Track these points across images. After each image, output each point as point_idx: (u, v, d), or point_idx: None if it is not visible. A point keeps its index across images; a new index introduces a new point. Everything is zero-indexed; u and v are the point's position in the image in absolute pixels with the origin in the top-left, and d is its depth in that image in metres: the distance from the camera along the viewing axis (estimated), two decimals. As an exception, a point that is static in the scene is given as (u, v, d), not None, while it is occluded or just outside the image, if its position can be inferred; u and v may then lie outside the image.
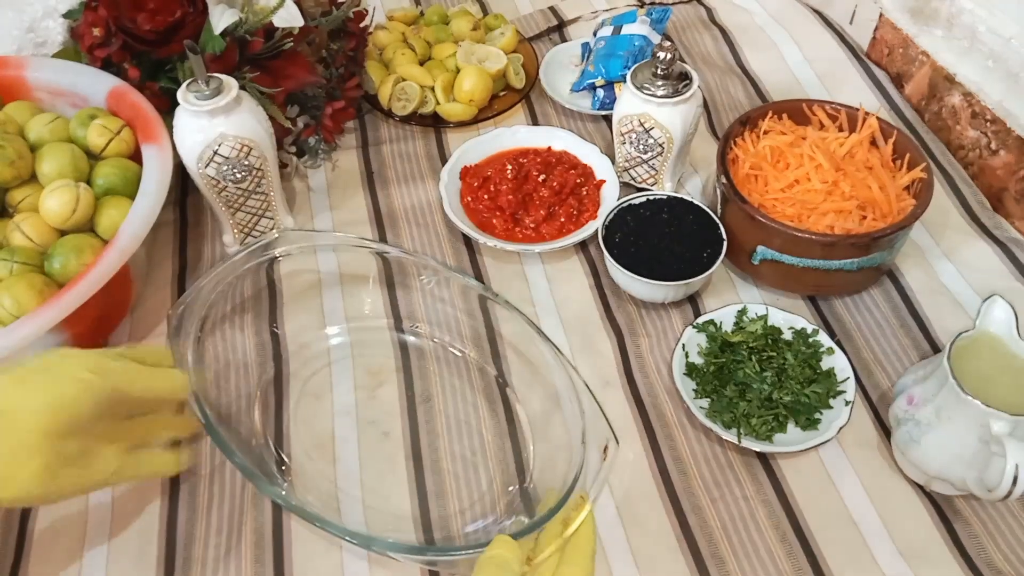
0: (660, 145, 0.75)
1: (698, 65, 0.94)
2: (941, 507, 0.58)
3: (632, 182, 0.80)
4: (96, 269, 0.59)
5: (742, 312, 0.68)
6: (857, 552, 0.56)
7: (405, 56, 0.91)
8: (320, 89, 0.81)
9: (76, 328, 0.62)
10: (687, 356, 0.66)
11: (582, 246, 0.77)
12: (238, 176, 0.68)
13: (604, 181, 0.79)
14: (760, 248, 0.68)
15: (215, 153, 0.66)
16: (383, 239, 0.78)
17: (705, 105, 0.89)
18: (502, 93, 0.91)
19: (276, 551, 0.57)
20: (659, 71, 0.71)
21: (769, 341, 0.65)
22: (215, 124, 0.65)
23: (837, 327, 0.69)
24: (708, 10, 1.02)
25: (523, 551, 0.49)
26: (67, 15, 0.76)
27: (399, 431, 0.63)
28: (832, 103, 0.74)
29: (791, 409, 0.62)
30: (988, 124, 0.79)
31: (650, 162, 0.77)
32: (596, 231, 0.72)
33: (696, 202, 0.72)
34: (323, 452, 0.62)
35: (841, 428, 0.61)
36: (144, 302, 0.73)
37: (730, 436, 0.60)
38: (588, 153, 0.82)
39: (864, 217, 0.68)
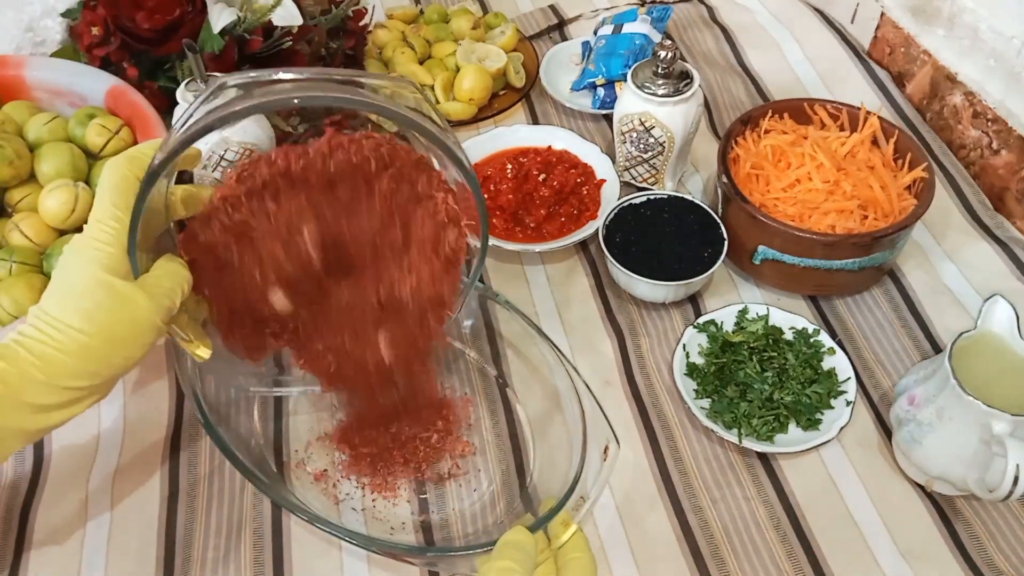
0: (661, 144, 0.74)
1: (699, 64, 0.94)
2: (942, 507, 0.58)
3: (633, 181, 0.80)
4: (95, 269, 0.59)
5: (743, 312, 0.67)
6: (858, 552, 0.56)
7: (405, 55, 0.90)
8: (320, 88, 0.81)
9: (75, 328, 0.62)
10: (688, 356, 0.65)
11: (582, 246, 0.76)
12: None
13: (604, 180, 0.79)
14: (761, 248, 0.68)
15: (217, 156, 0.66)
16: (383, 238, 0.78)
17: (706, 104, 0.89)
18: (502, 92, 0.91)
19: (275, 551, 0.57)
20: (660, 70, 0.71)
21: (770, 341, 0.65)
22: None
23: (838, 327, 0.69)
24: (709, 9, 1.02)
25: (540, 541, 0.49)
26: (66, 14, 0.75)
27: (399, 431, 0.63)
28: (833, 102, 0.74)
29: (792, 409, 0.62)
30: (989, 124, 0.79)
31: (651, 161, 0.77)
32: (596, 231, 0.72)
33: (697, 202, 0.72)
34: (323, 452, 0.62)
35: (842, 428, 0.60)
36: (143, 302, 0.72)
37: (731, 436, 0.60)
38: (588, 152, 0.81)
39: (865, 217, 0.67)
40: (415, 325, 0.54)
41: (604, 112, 0.87)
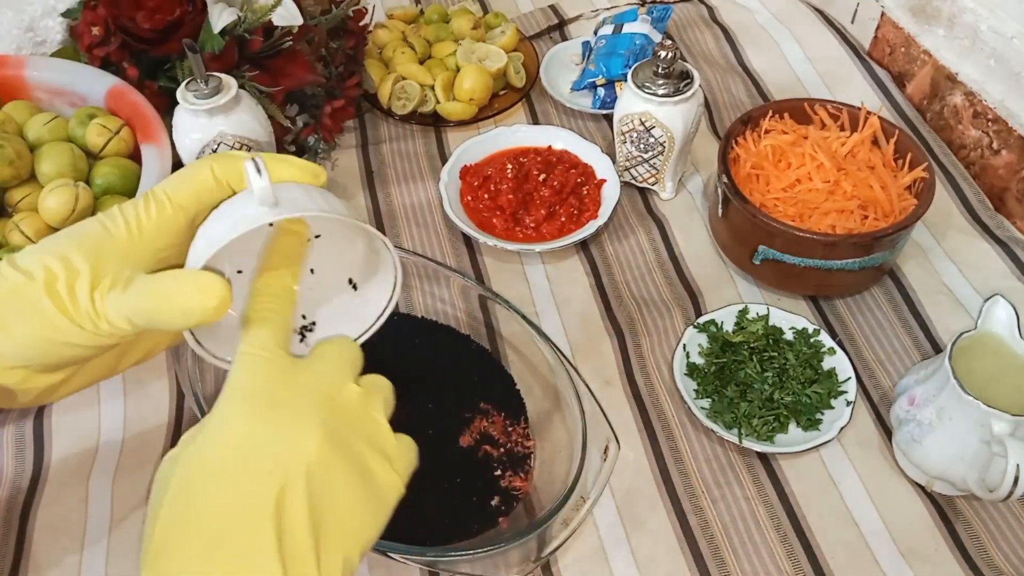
0: (661, 144, 0.74)
1: (699, 64, 0.94)
2: (942, 507, 0.58)
3: (633, 181, 0.80)
4: (95, 269, 0.59)
5: (743, 312, 0.67)
6: (858, 552, 0.56)
7: (405, 55, 0.90)
8: (319, 88, 0.81)
9: (75, 328, 0.62)
10: (688, 356, 0.65)
11: (583, 246, 0.76)
12: (238, 175, 0.68)
13: (605, 180, 0.79)
14: (761, 248, 0.68)
15: (214, 153, 0.66)
16: (383, 238, 0.78)
17: (706, 104, 0.89)
18: (502, 92, 0.91)
19: (276, 551, 0.57)
20: (660, 70, 0.71)
21: (770, 341, 0.65)
22: (214, 123, 0.65)
23: (838, 327, 0.69)
24: (709, 9, 1.02)
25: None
26: (66, 14, 0.75)
27: (399, 431, 0.63)
28: (834, 102, 0.74)
29: (792, 409, 0.62)
30: (990, 124, 0.79)
31: (651, 161, 0.77)
32: (597, 230, 0.72)
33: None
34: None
35: (842, 428, 0.60)
36: (144, 301, 0.72)
37: (731, 436, 0.60)
38: (589, 152, 0.81)
39: (866, 217, 0.67)
40: None
41: (604, 112, 0.87)
